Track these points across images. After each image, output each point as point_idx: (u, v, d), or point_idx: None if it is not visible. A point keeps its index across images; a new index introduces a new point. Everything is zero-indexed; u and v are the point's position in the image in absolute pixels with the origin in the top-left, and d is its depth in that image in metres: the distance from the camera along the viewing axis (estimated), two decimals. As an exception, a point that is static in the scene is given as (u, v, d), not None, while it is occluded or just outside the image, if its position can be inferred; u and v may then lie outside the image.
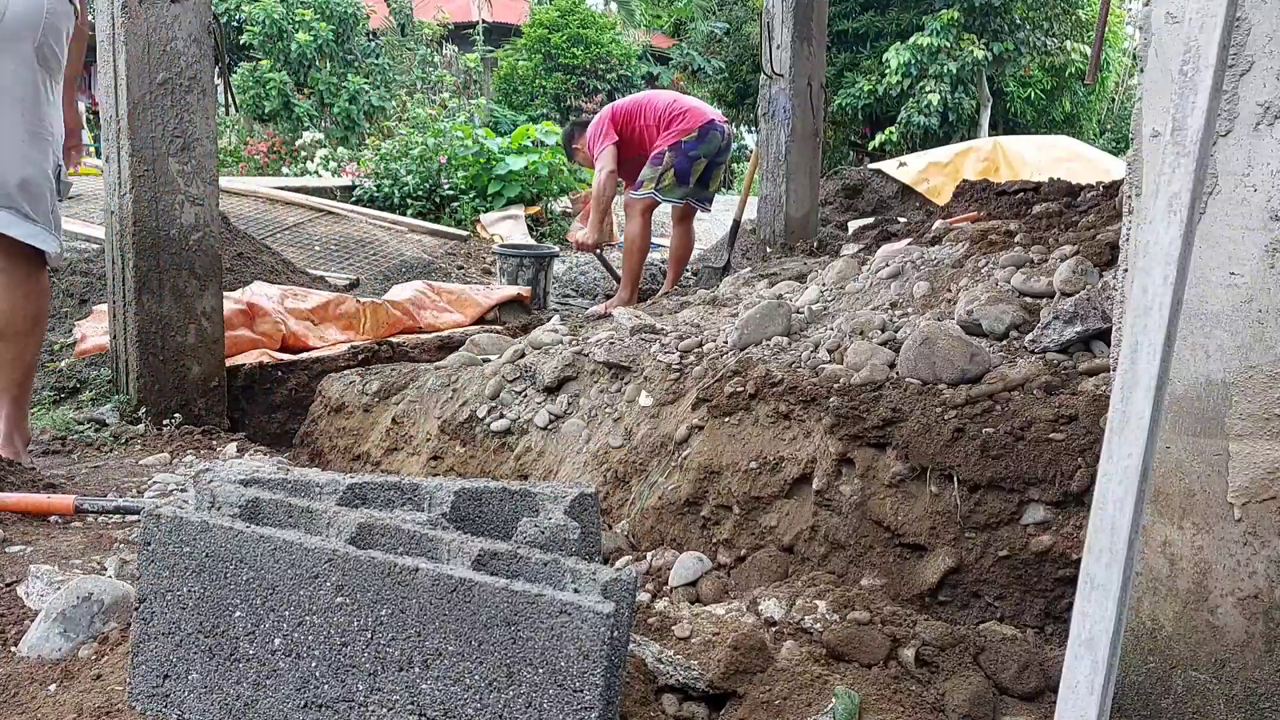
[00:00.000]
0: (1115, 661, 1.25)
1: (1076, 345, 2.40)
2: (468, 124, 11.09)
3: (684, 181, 5.78)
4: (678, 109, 5.86)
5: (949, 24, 14.18)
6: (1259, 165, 1.58)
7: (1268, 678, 1.65)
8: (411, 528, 1.63)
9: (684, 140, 5.75)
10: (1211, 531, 1.68)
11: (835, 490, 2.33)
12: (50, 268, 3.15)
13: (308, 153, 12.52)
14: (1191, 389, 1.67)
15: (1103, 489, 1.29)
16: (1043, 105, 15.62)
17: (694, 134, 5.76)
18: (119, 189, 3.77)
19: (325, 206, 8.52)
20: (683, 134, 5.76)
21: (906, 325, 2.70)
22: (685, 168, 5.76)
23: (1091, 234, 2.82)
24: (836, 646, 1.87)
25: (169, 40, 3.70)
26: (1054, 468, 2.09)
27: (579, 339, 3.51)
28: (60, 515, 2.59)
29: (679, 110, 5.85)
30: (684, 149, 5.75)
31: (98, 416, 3.79)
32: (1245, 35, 1.57)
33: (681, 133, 5.76)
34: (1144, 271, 1.30)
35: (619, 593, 1.50)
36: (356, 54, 15.42)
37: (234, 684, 1.57)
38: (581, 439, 3.04)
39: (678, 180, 5.75)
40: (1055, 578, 2.08)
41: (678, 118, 5.81)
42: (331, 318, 4.80)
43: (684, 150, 5.74)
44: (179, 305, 3.85)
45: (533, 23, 18.31)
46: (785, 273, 4.39)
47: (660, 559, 2.46)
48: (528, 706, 1.42)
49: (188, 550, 1.61)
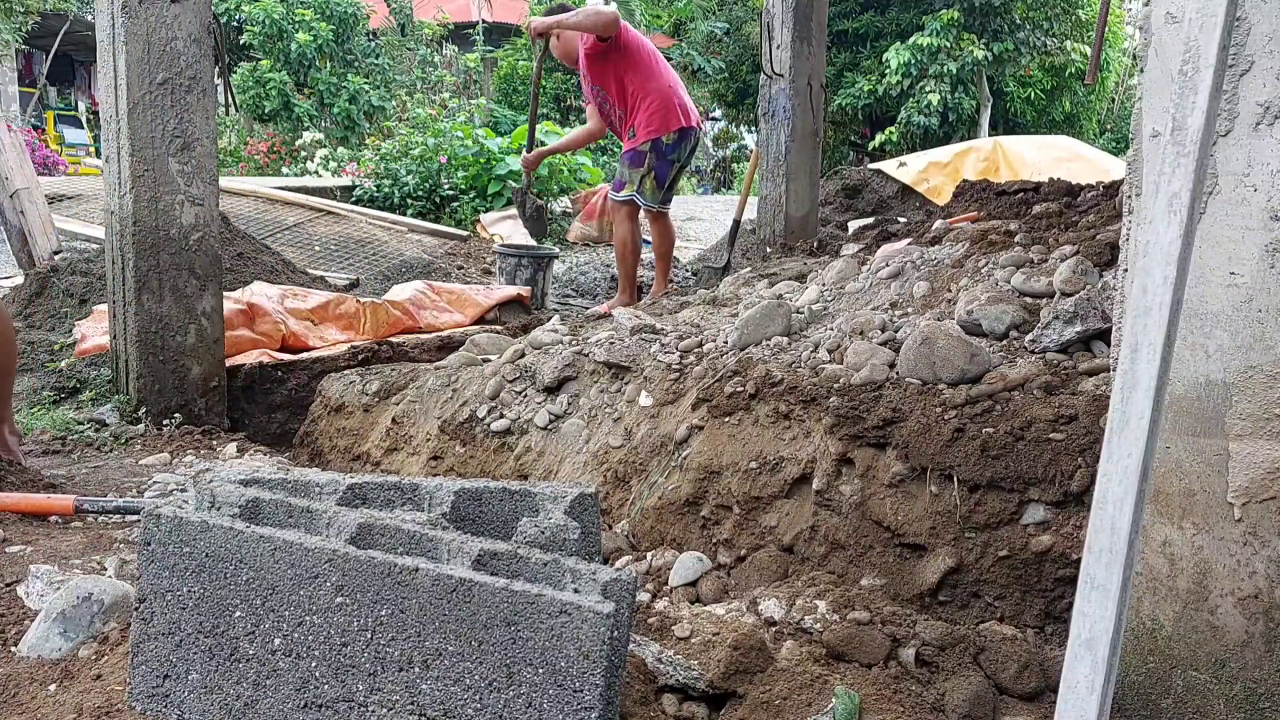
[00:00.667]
0: (1115, 661, 1.25)
1: (1076, 345, 2.40)
2: (468, 124, 11.10)
3: (662, 185, 5.71)
4: (671, 97, 5.65)
5: (949, 24, 14.18)
6: (1259, 165, 1.58)
7: (1268, 678, 1.65)
8: (411, 528, 1.63)
9: (664, 140, 5.62)
10: (1211, 531, 1.68)
11: (835, 490, 2.33)
12: (50, 267, 3.15)
13: (308, 153, 12.53)
14: (1191, 389, 1.67)
15: (1103, 489, 1.29)
16: (1043, 105, 15.61)
17: (674, 135, 5.65)
18: (119, 189, 3.77)
19: (325, 206, 8.52)
20: (663, 130, 5.62)
21: (906, 325, 2.70)
22: (665, 173, 5.68)
23: (1091, 234, 2.82)
24: (836, 646, 1.87)
25: (169, 40, 3.70)
26: (1054, 468, 2.09)
27: (579, 339, 3.51)
28: (60, 515, 2.59)
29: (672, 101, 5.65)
30: (664, 152, 5.63)
31: (98, 416, 3.79)
32: (1245, 35, 1.57)
33: (663, 128, 5.62)
34: (1144, 271, 1.30)
35: (619, 593, 1.50)
36: (356, 54, 15.43)
37: (234, 684, 1.57)
38: (581, 439, 3.04)
39: (657, 184, 5.68)
40: (1055, 578, 2.08)
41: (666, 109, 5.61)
42: (331, 318, 4.80)
43: (664, 154, 5.63)
44: (179, 305, 3.85)
45: (533, 23, 18.29)
46: (785, 273, 4.39)
47: (660, 559, 2.46)
48: (528, 706, 1.42)
49: (188, 550, 1.61)
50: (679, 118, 5.66)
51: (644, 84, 5.62)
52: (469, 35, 17.38)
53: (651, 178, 5.64)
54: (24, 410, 3.90)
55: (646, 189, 5.66)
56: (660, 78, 5.68)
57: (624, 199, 5.71)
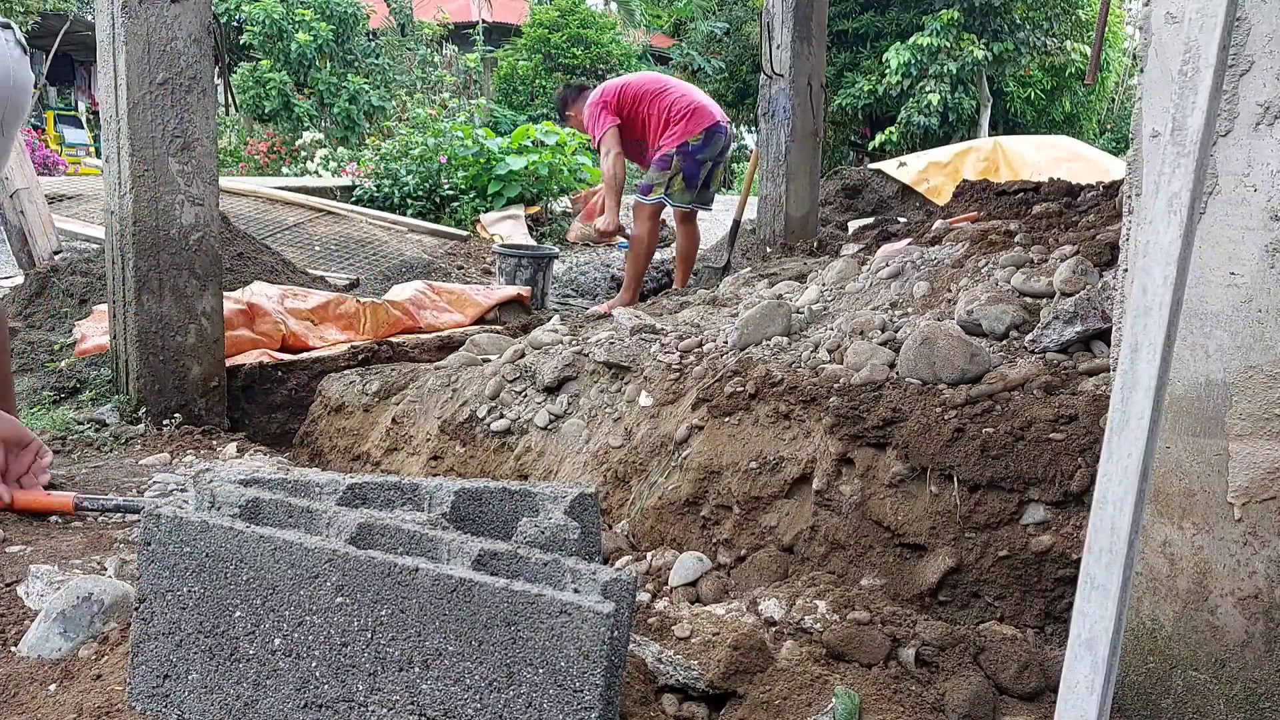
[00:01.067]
0: (1115, 661, 1.25)
1: (1076, 345, 2.40)
2: (468, 124, 11.10)
3: (692, 186, 5.71)
4: (685, 105, 5.69)
5: (949, 24, 14.19)
6: (1259, 165, 1.58)
7: (1268, 678, 1.65)
8: (411, 528, 1.63)
9: (690, 143, 5.64)
10: (1211, 531, 1.68)
11: (835, 490, 2.33)
12: (50, 267, 3.15)
13: (308, 153, 12.54)
14: (1191, 389, 1.67)
15: (1103, 489, 1.29)
16: (1043, 105, 15.62)
17: (699, 136, 5.65)
18: (119, 189, 3.77)
19: (325, 206, 8.52)
20: (688, 134, 5.64)
21: (906, 325, 2.70)
22: (694, 172, 5.68)
23: (1091, 234, 2.82)
24: (836, 646, 1.87)
25: (169, 40, 3.70)
26: (1054, 468, 2.09)
27: (579, 339, 3.51)
28: (60, 514, 2.59)
29: (687, 107, 5.68)
30: (691, 153, 5.65)
31: (98, 416, 3.79)
32: (1245, 35, 1.57)
33: (687, 133, 5.64)
34: (1144, 271, 1.30)
35: (619, 593, 1.50)
36: (356, 54, 15.43)
37: (234, 684, 1.57)
38: (581, 439, 3.04)
39: (686, 185, 5.68)
40: (1055, 578, 2.08)
41: (685, 115, 5.64)
42: (331, 318, 4.80)
43: (691, 155, 5.65)
44: (179, 305, 3.85)
45: (533, 23, 18.32)
46: (785, 273, 4.39)
47: (660, 559, 2.46)
48: (528, 706, 1.42)
49: (188, 550, 1.61)
50: (702, 118, 5.66)
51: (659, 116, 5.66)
52: (469, 35, 17.39)
53: (680, 179, 5.64)
54: (24, 410, 3.90)
55: (675, 189, 5.65)
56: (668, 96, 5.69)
57: (651, 201, 5.68)
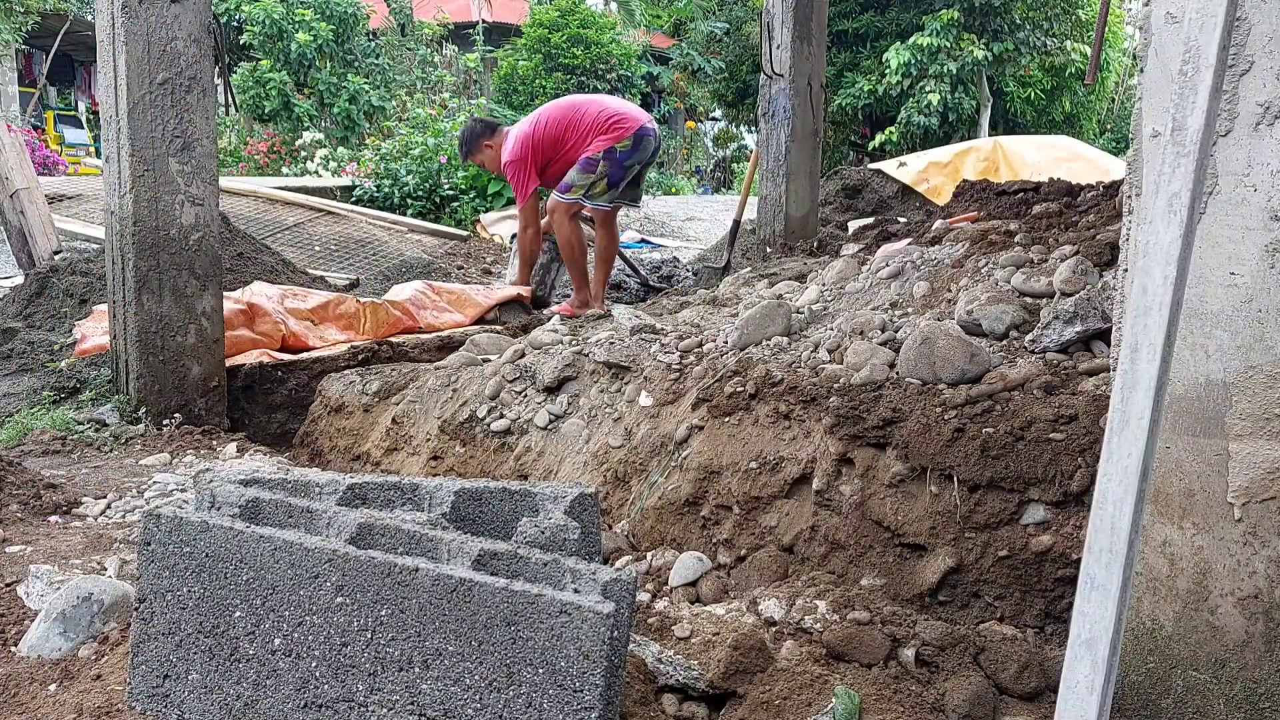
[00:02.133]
0: (1115, 661, 1.25)
1: (1076, 345, 2.40)
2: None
3: (614, 186, 5.62)
4: (610, 115, 5.59)
5: (949, 24, 14.18)
6: (1259, 165, 1.58)
7: (1268, 678, 1.65)
8: (411, 528, 1.63)
9: (618, 148, 5.51)
10: (1211, 531, 1.68)
11: (835, 490, 2.33)
12: (50, 267, 3.15)
13: (308, 153, 12.53)
14: (1191, 389, 1.67)
15: (1103, 489, 1.29)
16: (1043, 105, 15.61)
17: (628, 141, 5.52)
18: (119, 189, 3.77)
19: (325, 206, 8.52)
20: (616, 140, 5.53)
21: (906, 325, 2.70)
22: (619, 176, 5.59)
23: (1091, 234, 2.82)
24: (836, 646, 1.87)
25: (169, 40, 3.70)
26: (1054, 468, 2.09)
27: (579, 339, 3.51)
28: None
29: (612, 116, 5.59)
30: (619, 158, 5.53)
31: (98, 416, 3.79)
32: (1245, 35, 1.57)
33: (615, 139, 5.53)
34: (1144, 271, 1.30)
35: (619, 593, 1.50)
36: (356, 54, 15.43)
37: (234, 684, 1.57)
38: (581, 439, 3.04)
39: (608, 186, 5.59)
40: (1055, 578, 2.08)
41: (612, 123, 5.55)
42: (331, 318, 4.80)
43: (619, 160, 5.53)
44: (179, 305, 3.85)
45: (533, 23, 18.31)
46: (785, 273, 4.39)
47: (660, 559, 2.46)
48: (528, 706, 1.42)
49: (188, 550, 1.61)
50: (629, 124, 5.56)
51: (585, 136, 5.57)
52: (469, 35, 17.39)
53: (604, 182, 5.55)
54: (24, 410, 3.90)
55: (596, 190, 5.55)
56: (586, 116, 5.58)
57: (568, 200, 5.57)
